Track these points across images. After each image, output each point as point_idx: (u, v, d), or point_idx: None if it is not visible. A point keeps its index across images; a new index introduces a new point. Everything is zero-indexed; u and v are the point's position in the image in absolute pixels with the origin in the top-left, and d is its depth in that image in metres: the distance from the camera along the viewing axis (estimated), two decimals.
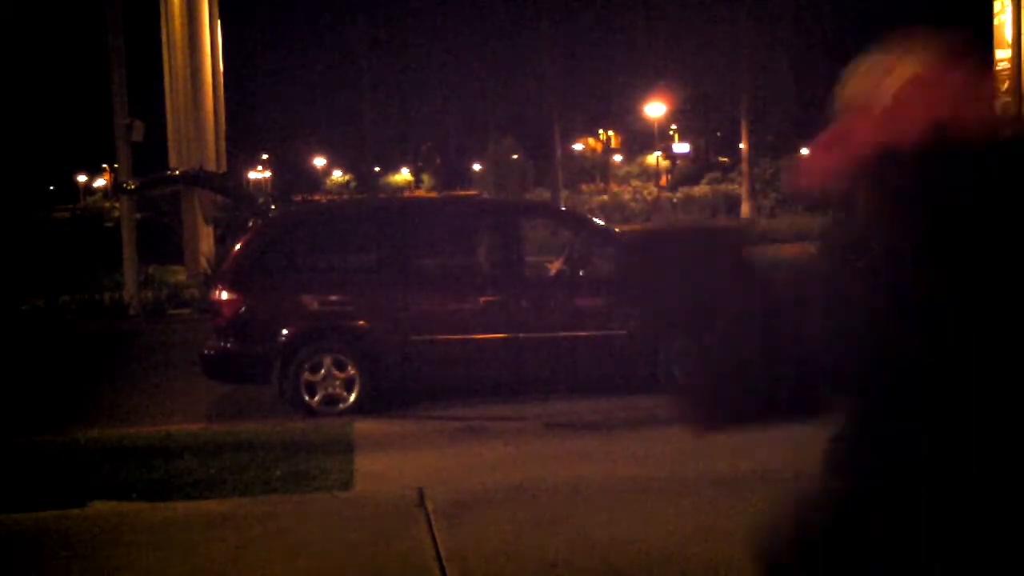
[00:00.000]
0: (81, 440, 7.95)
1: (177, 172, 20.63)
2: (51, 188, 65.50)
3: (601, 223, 10.26)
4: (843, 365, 1.75)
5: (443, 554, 5.09)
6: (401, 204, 14.43)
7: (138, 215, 19.91)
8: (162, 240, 21.92)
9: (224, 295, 8.86)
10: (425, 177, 70.67)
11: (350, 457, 7.14)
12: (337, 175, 75.20)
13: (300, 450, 7.30)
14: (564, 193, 44.95)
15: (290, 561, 5.12)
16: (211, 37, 20.92)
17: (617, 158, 66.22)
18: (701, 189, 44.57)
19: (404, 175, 73.47)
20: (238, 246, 9.19)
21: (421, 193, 61.91)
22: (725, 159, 58.31)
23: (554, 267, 9.85)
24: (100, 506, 6.11)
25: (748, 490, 6.03)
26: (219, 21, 21.65)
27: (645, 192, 43.25)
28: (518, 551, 5.13)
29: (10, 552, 5.42)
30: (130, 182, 17.60)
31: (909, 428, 1.70)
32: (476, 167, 59.36)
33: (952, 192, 1.65)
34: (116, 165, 18.68)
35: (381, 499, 6.13)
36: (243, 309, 8.84)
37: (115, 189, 26.74)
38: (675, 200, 42.89)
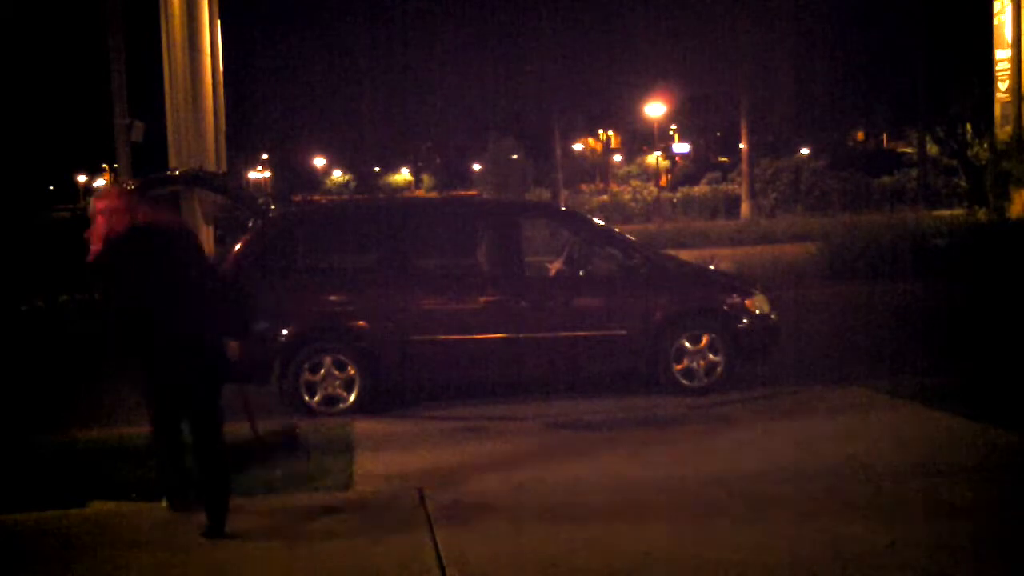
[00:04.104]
0: (81, 440, 7.95)
1: (177, 172, 20.56)
2: (51, 188, 65.45)
3: (601, 223, 10.25)
4: None
5: (443, 554, 5.09)
6: (401, 204, 14.41)
7: None
8: None
9: None
10: (425, 177, 70.57)
11: (350, 457, 7.14)
12: (337, 175, 75.11)
13: (300, 450, 7.30)
14: (564, 193, 44.95)
15: (290, 561, 5.13)
16: (211, 37, 20.85)
17: (617, 158, 66.19)
18: (701, 189, 44.54)
19: (404, 175, 73.39)
20: (238, 246, 9.16)
21: (421, 193, 61.89)
22: (725, 159, 58.28)
23: (554, 267, 9.84)
24: (100, 506, 6.12)
25: (749, 490, 6.04)
26: (219, 21, 21.62)
27: (645, 192, 43.20)
28: (518, 551, 5.13)
29: (10, 552, 5.43)
30: (130, 182, 17.58)
31: None
32: (476, 167, 59.32)
33: (117, 245, 5.71)
34: (116, 165, 18.64)
35: (381, 499, 6.13)
36: None
37: None
38: (675, 200, 42.87)
